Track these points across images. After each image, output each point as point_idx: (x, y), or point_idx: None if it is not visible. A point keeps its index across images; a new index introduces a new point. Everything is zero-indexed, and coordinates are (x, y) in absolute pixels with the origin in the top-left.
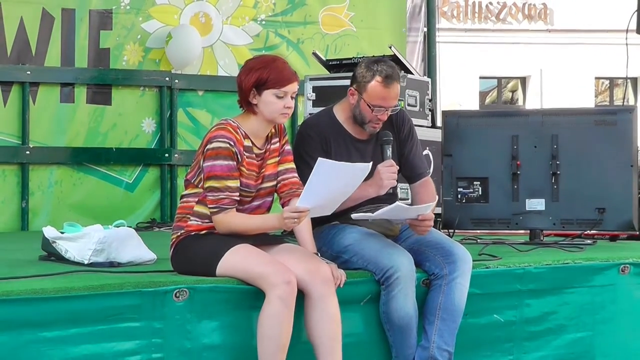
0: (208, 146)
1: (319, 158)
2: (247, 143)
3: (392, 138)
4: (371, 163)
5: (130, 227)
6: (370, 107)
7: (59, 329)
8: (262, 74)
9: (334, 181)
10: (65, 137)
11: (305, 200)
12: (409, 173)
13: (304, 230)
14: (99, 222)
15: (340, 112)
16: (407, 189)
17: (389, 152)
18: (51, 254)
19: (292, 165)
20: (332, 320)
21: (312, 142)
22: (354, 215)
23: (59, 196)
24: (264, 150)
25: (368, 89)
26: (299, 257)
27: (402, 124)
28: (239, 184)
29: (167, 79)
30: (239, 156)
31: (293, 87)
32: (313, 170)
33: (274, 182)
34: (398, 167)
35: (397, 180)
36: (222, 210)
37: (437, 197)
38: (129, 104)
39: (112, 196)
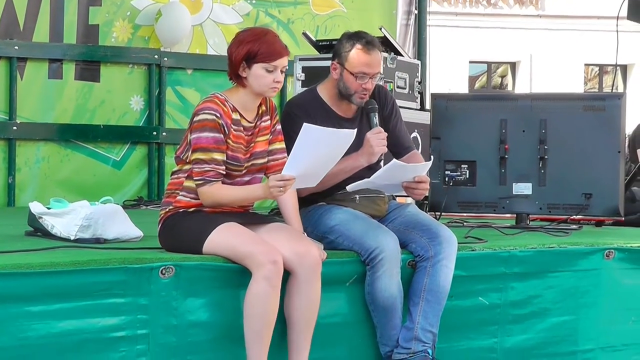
0: (195, 118)
1: (305, 124)
2: (235, 116)
3: (377, 106)
4: (356, 130)
5: (117, 204)
6: (354, 76)
7: (44, 304)
8: (252, 47)
9: (319, 147)
10: (52, 114)
11: (291, 167)
12: (395, 148)
13: (291, 209)
14: (85, 199)
15: (324, 91)
16: None
17: (376, 119)
18: (37, 230)
19: (283, 145)
20: (313, 304)
21: (299, 120)
22: (349, 187)
23: (46, 172)
24: (253, 125)
25: (350, 58)
26: (287, 237)
27: (385, 100)
28: (225, 157)
29: (156, 56)
30: (225, 128)
31: (283, 61)
32: (299, 136)
33: (265, 160)
34: (386, 134)
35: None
36: (207, 182)
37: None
38: (118, 81)
39: (99, 173)
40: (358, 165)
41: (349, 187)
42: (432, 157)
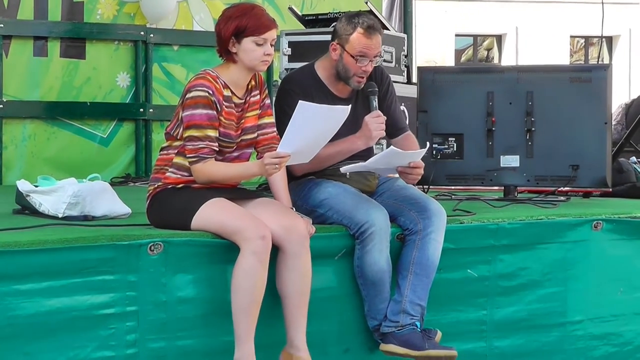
0: (187, 95)
1: (300, 101)
2: (226, 93)
3: (377, 89)
4: (350, 106)
5: (105, 181)
6: (354, 58)
7: (32, 282)
8: (241, 22)
9: (314, 124)
10: (38, 91)
11: (286, 144)
12: (390, 129)
13: (280, 185)
14: (73, 177)
15: (322, 69)
16: (382, 146)
17: (375, 103)
18: (25, 208)
19: (272, 120)
20: (303, 277)
21: (295, 97)
22: (343, 169)
23: (33, 150)
24: (243, 101)
25: (350, 40)
26: (275, 212)
27: (382, 80)
28: (217, 134)
29: (142, 33)
30: (218, 105)
31: (272, 34)
32: (294, 114)
33: (255, 135)
34: (385, 118)
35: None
36: (201, 159)
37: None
38: (104, 58)
39: (86, 151)
40: (355, 148)
41: (343, 169)
42: (427, 144)
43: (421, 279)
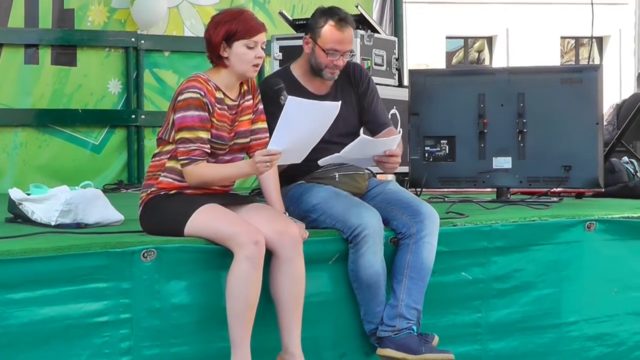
0: (179, 98)
1: (289, 97)
2: (218, 95)
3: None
4: (340, 102)
5: (97, 188)
6: (325, 52)
7: (26, 291)
8: (231, 26)
9: (304, 120)
10: (30, 99)
11: (277, 141)
12: (372, 126)
13: (272, 190)
14: (65, 184)
15: (297, 69)
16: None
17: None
18: (17, 216)
19: (265, 125)
20: (297, 282)
21: (275, 98)
22: (320, 161)
23: (25, 158)
24: (237, 104)
25: (322, 33)
26: (267, 217)
27: (360, 77)
28: (209, 136)
29: (132, 39)
30: (210, 107)
31: (262, 37)
32: (283, 110)
33: (247, 140)
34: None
35: (359, 134)
36: (193, 161)
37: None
38: (95, 65)
39: (78, 158)
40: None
41: (320, 162)
42: (401, 130)
43: (416, 283)
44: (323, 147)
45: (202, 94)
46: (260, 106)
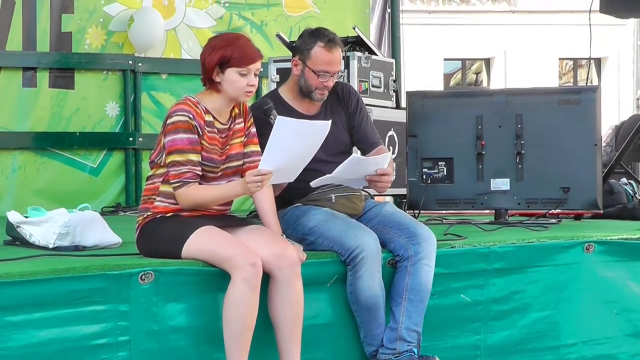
0: (168, 121)
1: (278, 116)
2: (208, 118)
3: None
4: (330, 121)
5: (95, 211)
6: (315, 74)
7: (24, 314)
8: (225, 53)
9: (295, 140)
10: (28, 122)
11: (267, 161)
12: (362, 145)
13: (269, 211)
14: (63, 207)
15: (286, 91)
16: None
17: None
18: (16, 239)
19: (258, 148)
20: (295, 304)
21: (264, 122)
22: (313, 183)
23: (23, 181)
24: (227, 127)
25: (311, 55)
26: (265, 239)
27: (349, 97)
28: (200, 158)
29: (130, 62)
30: (199, 129)
31: (256, 65)
32: (273, 129)
33: (240, 162)
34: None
35: (351, 152)
36: (185, 184)
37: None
38: (92, 88)
39: (76, 181)
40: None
41: (312, 183)
42: (390, 148)
43: (416, 305)
44: (316, 166)
45: (191, 116)
46: (253, 129)
